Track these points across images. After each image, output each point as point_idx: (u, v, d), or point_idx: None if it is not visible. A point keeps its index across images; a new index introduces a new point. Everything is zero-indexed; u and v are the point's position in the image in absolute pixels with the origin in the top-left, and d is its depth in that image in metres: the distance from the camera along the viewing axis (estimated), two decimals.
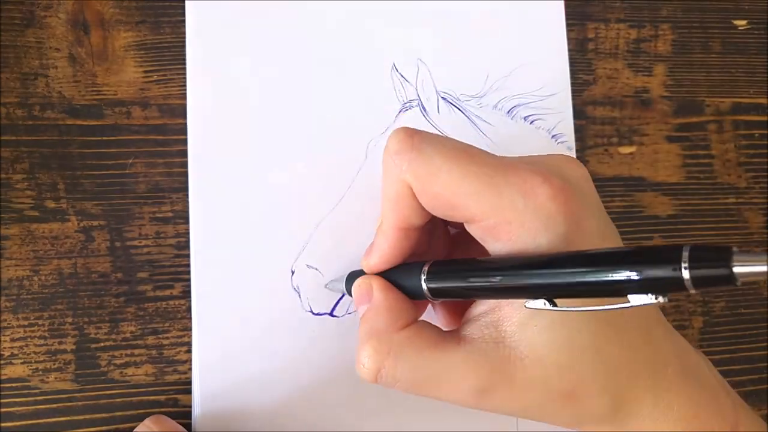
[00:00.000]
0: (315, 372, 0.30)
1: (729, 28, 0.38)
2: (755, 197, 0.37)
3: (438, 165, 0.23)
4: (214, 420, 0.30)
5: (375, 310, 0.25)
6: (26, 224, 0.31)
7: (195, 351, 0.30)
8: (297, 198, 0.31)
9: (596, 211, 0.24)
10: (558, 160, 0.25)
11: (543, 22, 0.35)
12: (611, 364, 0.23)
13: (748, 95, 0.38)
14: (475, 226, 0.24)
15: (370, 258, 0.27)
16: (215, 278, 0.30)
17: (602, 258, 0.20)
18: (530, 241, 0.22)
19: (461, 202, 0.23)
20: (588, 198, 0.24)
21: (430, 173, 0.23)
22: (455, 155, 0.23)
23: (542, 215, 0.22)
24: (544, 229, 0.22)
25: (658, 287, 0.19)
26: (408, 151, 0.24)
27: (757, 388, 0.36)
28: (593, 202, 0.24)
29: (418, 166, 0.23)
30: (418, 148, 0.24)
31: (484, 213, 0.23)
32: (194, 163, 0.31)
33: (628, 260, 0.20)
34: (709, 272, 0.18)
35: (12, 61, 0.32)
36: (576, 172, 0.24)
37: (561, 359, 0.23)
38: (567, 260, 0.21)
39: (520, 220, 0.22)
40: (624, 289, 0.20)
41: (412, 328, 0.25)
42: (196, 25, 0.32)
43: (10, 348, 0.30)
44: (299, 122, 0.32)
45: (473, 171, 0.23)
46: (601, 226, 0.24)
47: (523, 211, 0.22)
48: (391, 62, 0.33)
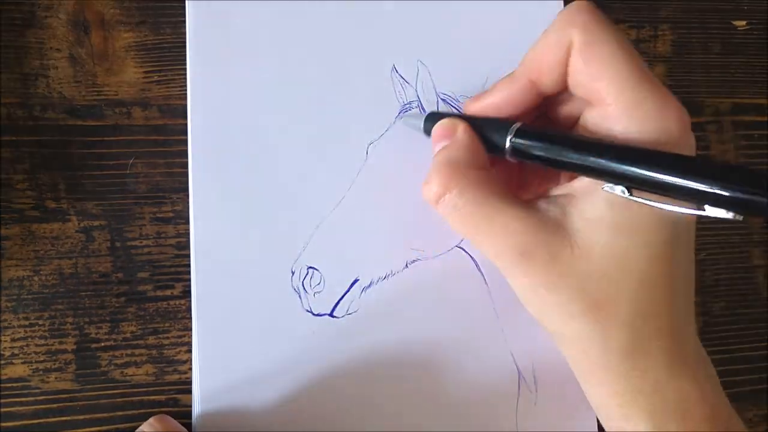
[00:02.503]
0: (315, 372, 0.31)
1: (728, 29, 0.38)
2: None
3: (609, 37, 0.24)
4: (214, 420, 0.30)
5: (457, 145, 0.27)
6: (27, 224, 0.31)
7: (195, 351, 0.30)
8: (297, 198, 0.32)
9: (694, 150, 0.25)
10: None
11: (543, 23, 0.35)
12: (649, 301, 0.24)
13: (748, 96, 0.38)
14: (598, 110, 0.25)
15: (483, 98, 0.28)
16: (215, 278, 0.30)
17: (695, 165, 0.22)
18: (636, 139, 0.24)
19: (608, 77, 0.24)
20: (693, 150, 0.25)
21: (600, 40, 0.24)
22: (625, 43, 0.25)
23: (664, 128, 0.23)
24: (656, 141, 0.23)
25: (739, 205, 0.20)
26: (590, 13, 0.25)
27: (756, 387, 0.36)
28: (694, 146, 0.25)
29: (592, 28, 0.24)
30: (599, 17, 0.25)
31: (619, 99, 0.24)
32: (195, 163, 0.31)
33: (720, 173, 0.21)
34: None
35: (12, 61, 0.32)
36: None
37: (608, 270, 0.24)
38: (663, 157, 0.22)
39: (644, 122, 0.23)
40: (704, 199, 0.21)
41: (486, 172, 0.26)
42: (197, 25, 0.32)
43: (10, 348, 0.30)
44: (299, 123, 0.32)
45: (632, 61, 0.24)
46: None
47: (651, 117, 0.23)
48: (391, 63, 0.33)
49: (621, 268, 0.24)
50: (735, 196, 0.20)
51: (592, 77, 0.24)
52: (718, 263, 0.36)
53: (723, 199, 0.21)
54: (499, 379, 0.32)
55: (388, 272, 0.32)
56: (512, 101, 0.27)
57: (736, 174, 0.21)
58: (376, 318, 0.31)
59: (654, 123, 0.23)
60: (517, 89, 0.27)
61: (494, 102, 0.27)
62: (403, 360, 0.31)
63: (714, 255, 0.36)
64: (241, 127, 0.32)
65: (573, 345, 0.25)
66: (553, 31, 0.25)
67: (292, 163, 0.32)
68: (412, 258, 0.32)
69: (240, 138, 0.31)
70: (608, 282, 0.24)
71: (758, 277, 0.37)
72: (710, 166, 0.22)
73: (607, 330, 0.24)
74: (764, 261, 0.37)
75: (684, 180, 0.21)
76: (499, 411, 0.32)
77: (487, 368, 0.32)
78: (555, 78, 0.26)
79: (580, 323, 0.24)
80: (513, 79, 0.27)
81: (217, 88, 0.32)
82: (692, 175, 0.21)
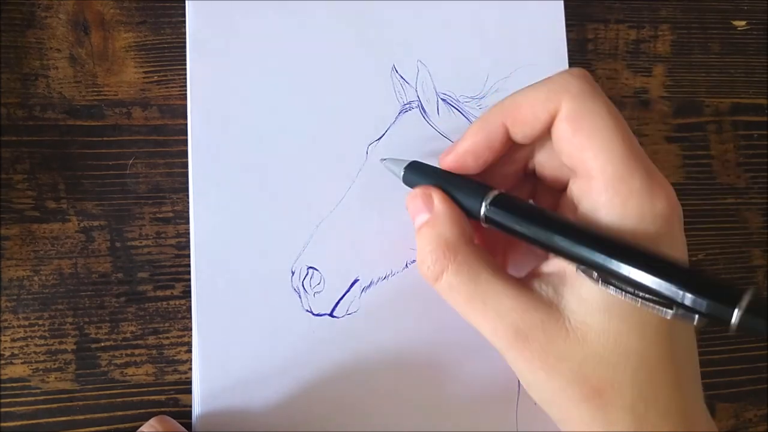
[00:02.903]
0: (315, 372, 0.31)
1: (728, 29, 0.38)
2: (754, 197, 0.37)
3: (600, 108, 0.24)
4: (214, 420, 0.30)
5: (440, 220, 0.26)
6: (27, 224, 0.31)
7: (195, 351, 0.30)
8: (297, 198, 0.32)
9: (683, 238, 0.25)
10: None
11: (543, 23, 0.35)
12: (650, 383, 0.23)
13: (748, 95, 0.38)
14: (582, 182, 0.24)
15: (456, 147, 0.27)
16: (215, 278, 0.30)
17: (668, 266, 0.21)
18: (619, 220, 0.23)
19: (596, 150, 0.23)
20: (681, 225, 0.25)
21: (590, 110, 0.24)
22: (616, 115, 0.24)
23: (649, 206, 0.23)
24: (641, 218, 0.23)
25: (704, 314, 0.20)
26: (584, 82, 0.24)
27: (757, 387, 0.36)
28: (683, 230, 0.25)
29: (584, 97, 0.24)
30: (594, 86, 0.24)
31: (604, 173, 0.23)
32: (195, 163, 0.31)
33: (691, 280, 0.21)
34: (756, 323, 0.19)
35: (12, 61, 0.32)
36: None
37: (604, 353, 0.23)
38: (636, 253, 0.22)
39: (629, 198, 0.23)
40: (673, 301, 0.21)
41: (477, 247, 0.26)
42: (196, 25, 0.32)
43: (10, 348, 0.30)
44: (299, 123, 0.32)
45: (621, 134, 0.23)
46: (683, 247, 0.25)
47: (636, 193, 0.23)
48: (391, 64, 0.33)
49: (618, 352, 0.23)
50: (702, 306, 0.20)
51: (578, 147, 0.24)
52: (718, 263, 0.36)
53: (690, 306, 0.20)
54: (499, 379, 0.32)
55: (388, 272, 0.32)
56: (484, 147, 0.26)
57: (703, 283, 0.21)
58: (376, 318, 0.31)
59: (639, 200, 0.23)
60: (490, 131, 0.26)
61: (466, 149, 0.26)
62: (402, 360, 0.31)
63: (714, 255, 0.36)
64: (241, 127, 0.32)
65: (576, 428, 0.24)
66: (544, 89, 0.25)
67: (292, 163, 0.32)
68: (412, 258, 0.32)
69: (240, 138, 0.31)
70: (606, 366, 0.23)
71: (758, 277, 0.37)
72: (683, 270, 0.21)
73: (609, 416, 0.23)
74: (764, 261, 0.37)
75: (652, 280, 0.21)
76: (499, 411, 0.32)
77: (487, 368, 0.32)
78: (528, 132, 0.25)
79: (581, 410, 0.24)
80: (485, 121, 0.26)
81: (217, 88, 0.32)
82: (660, 277, 0.21)
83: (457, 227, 0.26)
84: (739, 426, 0.35)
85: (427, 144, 0.33)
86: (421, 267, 0.26)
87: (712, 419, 0.26)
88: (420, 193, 0.27)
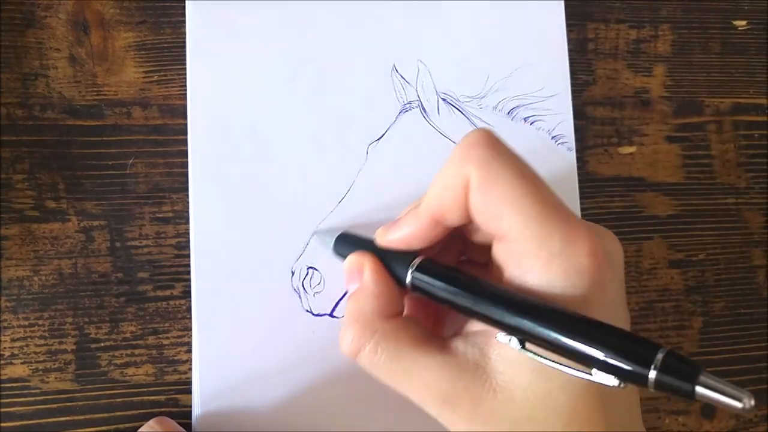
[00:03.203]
0: (315, 372, 0.31)
1: (729, 29, 0.38)
2: (755, 197, 0.37)
3: (507, 171, 0.23)
4: (214, 420, 0.30)
5: (364, 294, 0.26)
6: (26, 224, 0.31)
7: (195, 351, 0.30)
8: (297, 199, 0.31)
9: (619, 286, 0.25)
10: (599, 229, 0.26)
11: (543, 23, 0.35)
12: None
13: (748, 95, 0.38)
14: (505, 247, 0.24)
15: (390, 232, 0.26)
16: (215, 278, 0.30)
17: (584, 325, 0.21)
18: (545, 282, 0.23)
19: (509, 215, 0.23)
20: (617, 271, 0.25)
21: (497, 174, 0.23)
22: (526, 173, 0.23)
23: (573, 265, 0.22)
24: (566, 278, 0.22)
25: (622, 374, 0.20)
26: (486, 147, 0.24)
27: (757, 387, 0.36)
28: (620, 276, 0.25)
29: (489, 163, 0.23)
30: (496, 149, 0.24)
31: (523, 237, 0.23)
32: (194, 163, 0.31)
33: (606, 339, 0.20)
34: (672, 382, 0.19)
35: (12, 61, 0.32)
36: (614, 245, 0.25)
37: (533, 413, 0.23)
38: (552, 313, 0.22)
39: (551, 260, 0.22)
40: (591, 362, 0.20)
41: (398, 320, 0.26)
42: (196, 25, 0.32)
43: (10, 348, 0.30)
44: (299, 123, 0.32)
45: (534, 193, 0.23)
46: (617, 300, 0.24)
47: (558, 254, 0.22)
48: (392, 63, 0.33)
49: (546, 411, 0.23)
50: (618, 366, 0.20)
51: (492, 216, 0.23)
52: (718, 263, 0.36)
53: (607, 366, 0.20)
54: None
55: None
56: (419, 236, 0.26)
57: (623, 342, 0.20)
58: None
59: (561, 260, 0.22)
60: (422, 226, 0.26)
61: (402, 237, 0.26)
62: None
63: (714, 255, 0.36)
64: (240, 127, 0.32)
65: None
66: (450, 169, 0.24)
67: (292, 163, 0.32)
68: None
69: (240, 138, 0.31)
70: (535, 425, 0.23)
71: (758, 277, 0.37)
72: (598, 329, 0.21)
73: None
74: (764, 261, 0.37)
75: (570, 341, 0.21)
76: None
77: None
78: (457, 215, 0.25)
79: None
80: (417, 215, 0.26)
81: (217, 88, 0.32)
82: (578, 338, 0.21)
83: (381, 301, 0.25)
84: (739, 426, 0.35)
85: (427, 144, 0.33)
86: (341, 343, 0.25)
87: None
88: (354, 260, 0.27)
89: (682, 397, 0.19)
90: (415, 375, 0.24)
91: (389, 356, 0.25)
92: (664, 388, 0.19)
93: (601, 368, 0.20)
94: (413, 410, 0.31)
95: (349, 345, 0.25)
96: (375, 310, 0.25)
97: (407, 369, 0.24)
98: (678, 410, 0.35)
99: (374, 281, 0.26)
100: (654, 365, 0.19)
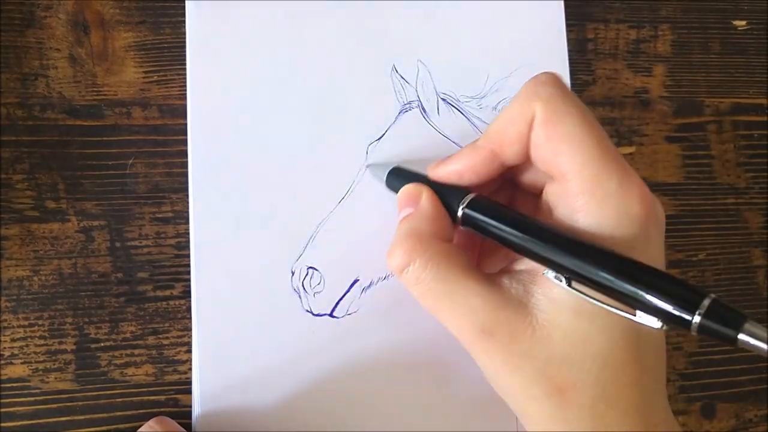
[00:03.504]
0: (315, 372, 0.31)
1: (728, 29, 0.38)
2: (755, 197, 0.37)
3: (572, 110, 0.24)
4: (214, 420, 0.30)
5: (421, 215, 0.26)
6: (26, 224, 0.31)
7: (195, 351, 0.30)
8: (297, 199, 0.31)
9: (660, 241, 0.25)
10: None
11: (543, 23, 0.35)
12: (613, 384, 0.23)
13: (748, 95, 0.38)
14: (559, 185, 0.24)
15: (445, 165, 0.27)
16: (215, 278, 0.30)
17: (633, 268, 0.22)
18: (596, 223, 0.23)
19: (570, 153, 0.23)
20: (660, 227, 0.25)
21: (562, 112, 0.24)
22: (588, 115, 0.24)
23: (626, 208, 0.23)
24: (617, 220, 0.23)
25: (667, 317, 0.20)
26: (554, 86, 0.24)
27: (757, 388, 0.36)
28: (662, 232, 0.25)
29: (556, 101, 0.24)
30: (563, 89, 0.24)
31: (580, 176, 0.23)
32: (194, 163, 0.31)
33: (654, 282, 0.21)
34: (716, 327, 0.20)
35: (12, 61, 0.32)
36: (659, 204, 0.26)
37: (569, 352, 0.23)
38: (602, 253, 0.22)
39: (605, 200, 0.23)
40: (637, 304, 0.21)
41: (450, 245, 0.26)
42: (196, 25, 0.32)
43: (10, 348, 0.30)
44: (299, 123, 0.32)
45: (595, 135, 0.24)
46: (658, 253, 0.25)
47: (613, 195, 0.23)
48: (391, 63, 0.33)
49: (583, 352, 0.23)
50: (664, 309, 0.20)
51: (552, 152, 0.24)
52: (718, 263, 0.36)
53: (652, 308, 0.21)
54: None
55: (388, 272, 0.32)
56: (474, 170, 0.26)
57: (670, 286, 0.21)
58: (376, 318, 0.31)
59: (615, 203, 0.23)
60: (479, 159, 0.26)
61: (456, 169, 0.27)
62: (402, 360, 0.31)
63: (714, 255, 0.36)
64: (240, 127, 0.32)
65: (535, 425, 0.25)
66: (516, 103, 0.25)
67: (292, 164, 0.32)
68: None
69: (240, 138, 0.31)
70: (570, 366, 0.23)
71: (758, 277, 0.37)
72: (646, 272, 0.21)
73: (569, 414, 0.23)
74: (764, 261, 0.37)
75: (618, 281, 0.21)
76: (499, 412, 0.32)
77: None
78: (517, 150, 0.25)
79: (542, 407, 0.24)
80: (476, 148, 0.26)
81: (217, 89, 0.32)
82: (627, 279, 0.21)
83: (434, 224, 0.26)
84: (739, 426, 0.35)
85: (427, 144, 0.33)
86: (390, 257, 0.26)
87: (675, 420, 0.26)
88: (412, 188, 0.27)
89: (724, 342, 0.20)
90: (459, 299, 0.25)
91: (436, 276, 0.25)
92: (707, 332, 0.20)
93: (646, 310, 0.21)
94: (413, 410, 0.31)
95: (399, 259, 0.26)
96: (429, 230, 0.26)
97: (451, 292, 0.25)
98: (678, 410, 0.35)
99: (432, 205, 0.26)
100: (699, 311, 0.20)
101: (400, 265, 0.26)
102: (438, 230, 0.26)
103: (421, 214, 0.26)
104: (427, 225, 0.26)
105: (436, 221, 0.26)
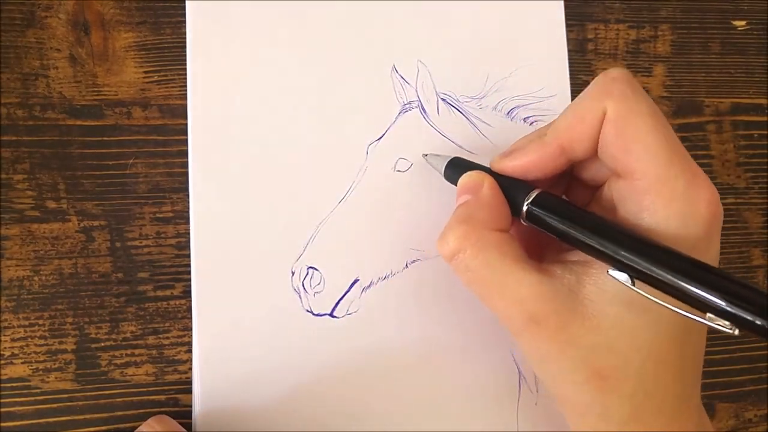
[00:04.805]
0: (315, 372, 0.31)
1: (728, 29, 0.38)
2: (754, 197, 0.37)
3: (643, 109, 0.24)
4: (214, 420, 0.30)
5: (479, 203, 0.26)
6: (27, 224, 0.31)
7: (195, 351, 0.30)
8: (297, 199, 0.32)
9: (719, 244, 0.25)
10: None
11: (543, 23, 0.35)
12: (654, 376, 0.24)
13: (748, 95, 0.38)
14: (626, 183, 0.24)
15: (510, 159, 0.27)
16: (215, 278, 0.30)
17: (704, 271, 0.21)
18: (661, 222, 0.23)
19: (639, 152, 0.23)
20: (720, 228, 0.25)
21: (634, 111, 0.24)
22: (659, 115, 0.24)
23: (692, 209, 0.23)
24: (682, 221, 0.23)
25: (742, 323, 0.20)
26: (626, 83, 0.24)
27: (757, 388, 0.36)
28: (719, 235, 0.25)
29: (628, 98, 0.24)
30: (635, 87, 0.24)
31: (649, 175, 0.23)
32: (194, 163, 0.31)
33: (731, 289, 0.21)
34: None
35: (12, 61, 0.32)
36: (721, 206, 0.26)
37: (615, 344, 0.23)
38: (671, 255, 0.22)
39: (672, 200, 0.23)
40: (708, 307, 0.21)
41: (504, 235, 0.26)
42: (196, 25, 0.32)
43: (10, 348, 0.30)
44: (299, 123, 0.32)
45: (665, 134, 0.24)
46: (717, 251, 0.25)
47: (680, 196, 0.23)
48: (391, 63, 0.33)
49: (629, 344, 0.23)
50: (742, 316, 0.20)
51: (622, 150, 0.24)
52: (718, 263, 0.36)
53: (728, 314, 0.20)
54: (500, 380, 0.32)
55: (388, 272, 0.32)
56: (540, 166, 0.26)
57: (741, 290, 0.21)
58: (376, 318, 0.31)
59: (682, 203, 0.23)
60: (547, 155, 0.26)
61: (522, 164, 0.27)
62: (402, 360, 0.31)
63: None
64: (240, 127, 0.32)
65: (573, 409, 0.25)
66: (587, 100, 0.25)
67: (292, 163, 0.32)
68: (412, 258, 0.32)
69: (240, 138, 0.31)
70: (615, 355, 0.23)
71: (758, 277, 0.37)
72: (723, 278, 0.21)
73: (608, 400, 0.24)
74: (764, 261, 0.37)
75: (687, 285, 0.21)
76: (500, 411, 0.32)
77: (487, 368, 0.32)
78: (586, 147, 0.25)
79: (582, 390, 0.24)
80: (543, 144, 0.26)
81: (217, 89, 0.32)
82: (696, 282, 0.21)
83: (493, 213, 0.26)
84: (740, 426, 0.35)
85: (427, 144, 0.33)
86: (440, 242, 0.26)
87: (707, 416, 0.26)
88: (475, 175, 0.27)
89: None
90: (510, 288, 0.25)
91: (488, 263, 0.25)
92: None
93: (719, 315, 0.21)
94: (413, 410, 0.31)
95: (451, 244, 0.25)
96: (485, 218, 0.26)
97: (502, 280, 0.25)
98: None
99: (492, 195, 0.26)
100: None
101: (451, 251, 0.26)
102: (495, 219, 0.26)
103: (480, 202, 0.26)
104: (484, 213, 0.26)
105: (495, 210, 0.26)
